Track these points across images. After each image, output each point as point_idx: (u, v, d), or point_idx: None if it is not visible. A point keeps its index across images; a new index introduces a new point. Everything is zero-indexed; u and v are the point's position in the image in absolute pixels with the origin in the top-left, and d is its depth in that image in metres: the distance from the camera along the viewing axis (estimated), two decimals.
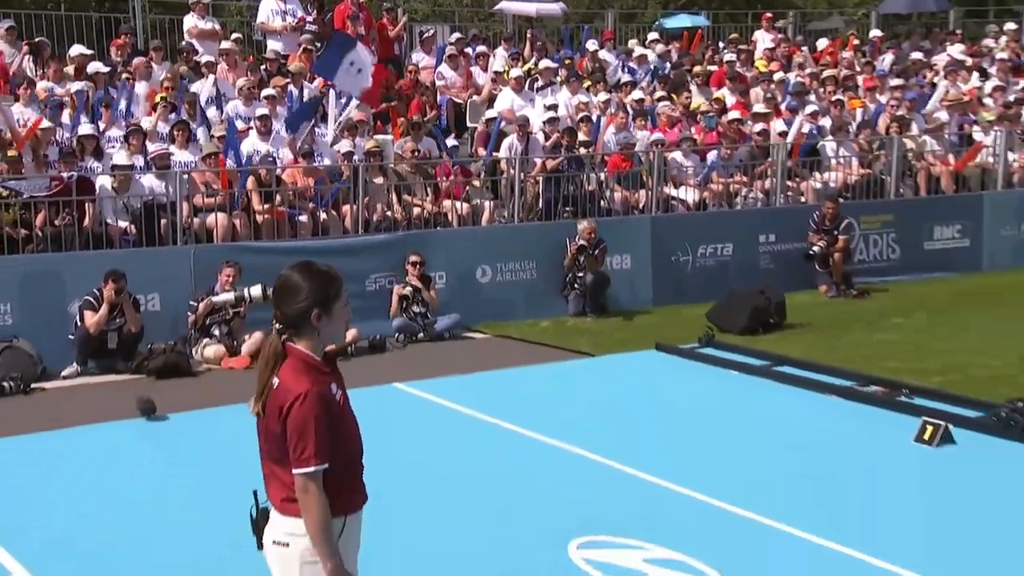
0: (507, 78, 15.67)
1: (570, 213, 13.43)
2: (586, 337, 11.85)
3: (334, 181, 12.69)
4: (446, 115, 15.48)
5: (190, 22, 15.33)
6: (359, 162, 12.64)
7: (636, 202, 14.18)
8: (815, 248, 14.09)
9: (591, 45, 18.00)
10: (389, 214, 12.77)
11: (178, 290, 11.16)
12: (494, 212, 13.54)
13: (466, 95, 15.89)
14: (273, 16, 15.70)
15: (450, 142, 14.45)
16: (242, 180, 12.05)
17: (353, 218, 12.46)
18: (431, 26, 18.79)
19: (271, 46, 15.69)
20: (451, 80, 16.01)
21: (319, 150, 13.10)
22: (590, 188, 13.87)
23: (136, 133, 12.19)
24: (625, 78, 16.81)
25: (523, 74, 15.79)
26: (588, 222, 12.93)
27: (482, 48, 17.15)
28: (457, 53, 16.30)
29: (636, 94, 15.97)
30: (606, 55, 17.93)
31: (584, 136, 14.31)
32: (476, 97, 15.79)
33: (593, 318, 12.73)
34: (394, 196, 12.99)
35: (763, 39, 19.81)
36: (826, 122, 16.07)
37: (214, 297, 10.46)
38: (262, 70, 14.80)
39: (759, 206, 14.89)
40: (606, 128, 14.90)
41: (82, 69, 13.68)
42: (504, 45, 17.61)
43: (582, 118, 14.62)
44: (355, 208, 12.43)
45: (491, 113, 14.76)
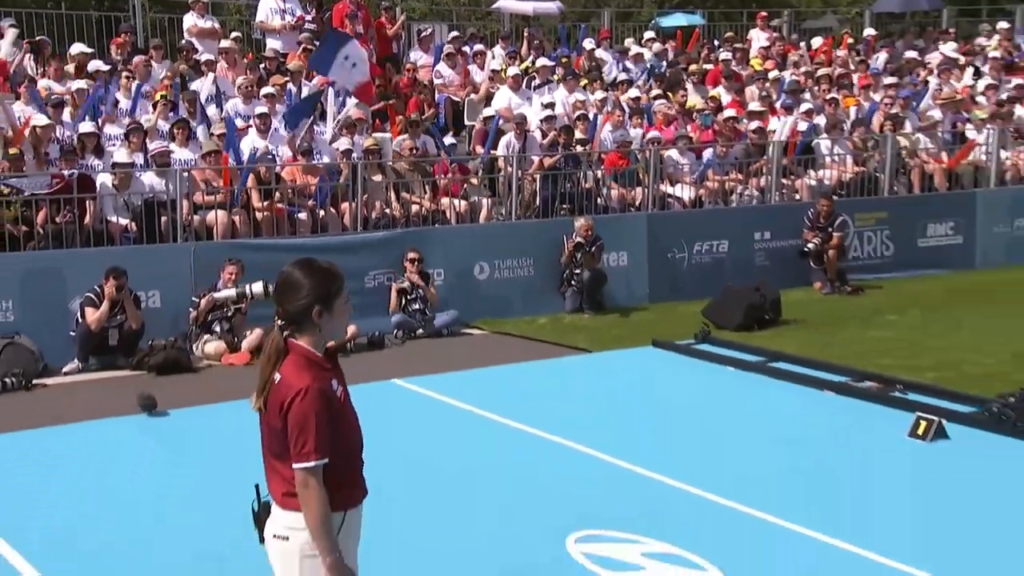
0: (504, 76, 15.67)
1: (567, 210, 13.44)
2: (583, 333, 11.86)
3: (333, 179, 12.69)
4: (444, 113, 15.48)
5: (190, 21, 15.32)
6: (358, 160, 12.65)
7: (632, 199, 14.20)
8: (810, 245, 14.11)
9: (588, 44, 18.01)
10: (388, 211, 12.77)
11: (178, 287, 11.17)
12: (492, 209, 13.54)
13: (464, 93, 15.89)
14: (272, 15, 15.70)
15: (448, 140, 14.47)
16: (242, 178, 12.05)
17: (352, 215, 12.47)
18: (429, 25, 18.78)
19: (270, 45, 15.69)
20: (449, 78, 16.00)
21: (318, 148, 13.11)
22: (587, 186, 13.88)
23: (136, 131, 12.20)
24: (621, 76, 16.82)
25: (520, 72, 15.79)
26: (585, 219, 12.94)
27: (480, 47, 17.16)
28: (455, 52, 16.29)
29: (632, 92, 15.97)
30: (602, 54, 17.94)
31: (581, 134, 14.30)
32: (474, 95, 15.79)
33: (590, 315, 12.74)
34: (393, 194, 13.00)
35: (758, 38, 19.82)
36: (821, 120, 16.08)
37: (216, 293, 10.46)
38: (261, 69, 14.82)
39: (754, 203, 14.90)
40: (603, 126, 14.90)
41: (83, 67, 13.68)
42: (501, 43, 17.61)
43: (579, 116, 14.62)
44: (354, 205, 12.44)
45: (489, 111, 14.77)
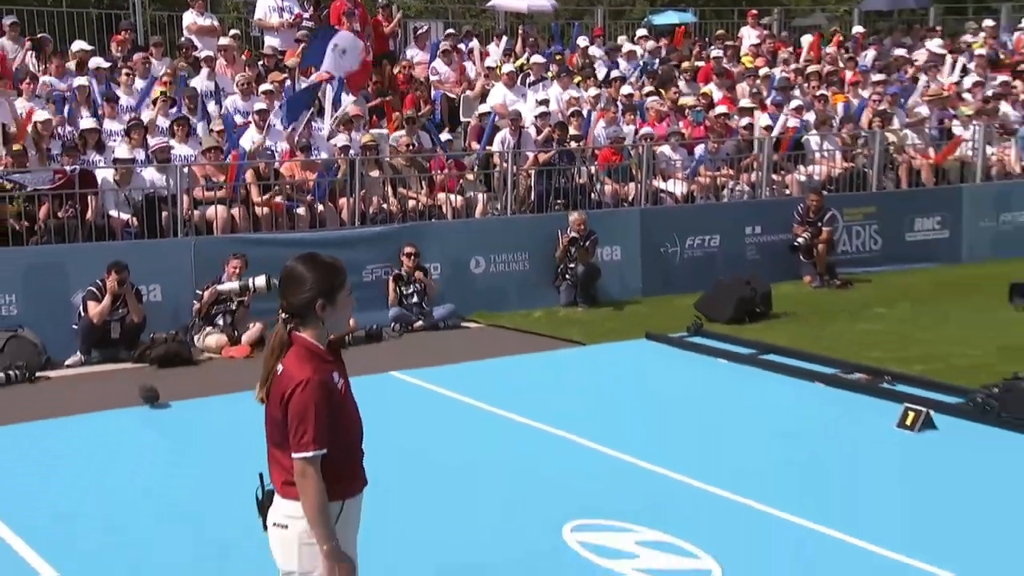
0: (499, 73, 15.66)
1: (561, 206, 13.45)
2: (577, 327, 11.88)
3: (331, 174, 12.68)
4: (440, 110, 15.46)
5: (189, 18, 15.28)
6: (355, 156, 12.64)
7: (626, 195, 14.22)
8: (800, 239, 14.14)
9: (582, 41, 18.00)
10: (385, 206, 12.77)
11: (179, 281, 11.17)
12: (487, 205, 13.54)
13: (459, 90, 15.88)
14: (270, 13, 15.67)
15: (444, 136, 14.46)
16: (241, 173, 12.02)
17: (350, 210, 12.47)
18: (425, 22, 18.74)
19: (268, 42, 15.64)
20: (445, 75, 15.99)
21: (316, 144, 13.10)
22: (581, 181, 13.89)
23: (137, 127, 12.17)
24: (614, 73, 16.81)
25: (515, 69, 15.78)
26: (578, 214, 12.96)
27: (475, 43, 17.13)
28: (450, 49, 16.28)
29: (625, 89, 15.98)
30: (596, 51, 17.93)
31: (575, 130, 14.32)
32: (469, 92, 15.78)
33: (584, 308, 12.76)
34: (389, 189, 13.00)
35: (749, 35, 19.81)
36: (810, 116, 16.11)
37: (219, 286, 10.46)
38: (259, 66, 14.79)
39: (745, 199, 14.92)
40: (596, 122, 14.90)
41: (83, 64, 13.65)
42: (496, 41, 17.58)
43: (573, 113, 14.62)
44: (351, 201, 12.43)
45: (484, 108, 14.77)
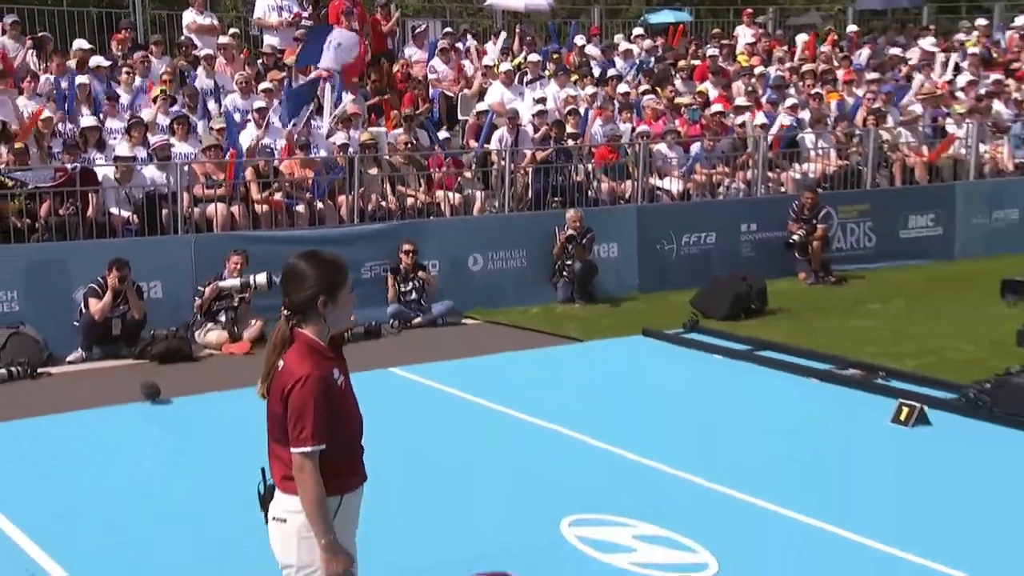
0: (497, 72, 15.66)
1: (559, 203, 13.46)
2: (574, 323, 11.89)
3: (331, 172, 12.68)
4: (438, 108, 15.47)
5: (189, 17, 15.27)
6: (354, 153, 12.65)
7: (622, 192, 14.23)
8: (795, 236, 14.16)
9: (579, 40, 18.00)
10: (383, 204, 12.78)
11: (179, 278, 11.17)
12: (485, 202, 13.55)
13: (457, 88, 15.88)
14: (269, 12, 15.67)
15: (442, 134, 14.46)
16: (241, 171, 12.02)
17: (349, 208, 12.47)
18: (423, 21, 18.74)
19: (267, 41, 15.64)
20: (443, 74, 15.99)
21: (315, 142, 13.09)
22: (578, 179, 13.90)
23: (137, 125, 12.17)
24: (611, 72, 16.81)
25: (513, 68, 15.78)
26: (575, 211, 12.96)
27: (472, 42, 17.13)
28: (448, 47, 16.27)
29: (622, 88, 15.98)
30: (593, 50, 17.93)
31: (572, 128, 14.32)
32: (467, 91, 15.78)
33: (581, 304, 12.77)
34: (388, 186, 13.00)
35: (744, 34, 19.84)
36: (805, 115, 16.12)
37: (221, 282, 10.46)
38: (259, 64, 14.79)
39: (741, 196, 14.93)
40: (593, 121, 14.91)
41: (84, 63, 13.64)
42: (493, 39, 17.58)
43: (570, 111, 14.62)
44: (350, 198, 12.44)
45: (482, 106, 14.76)
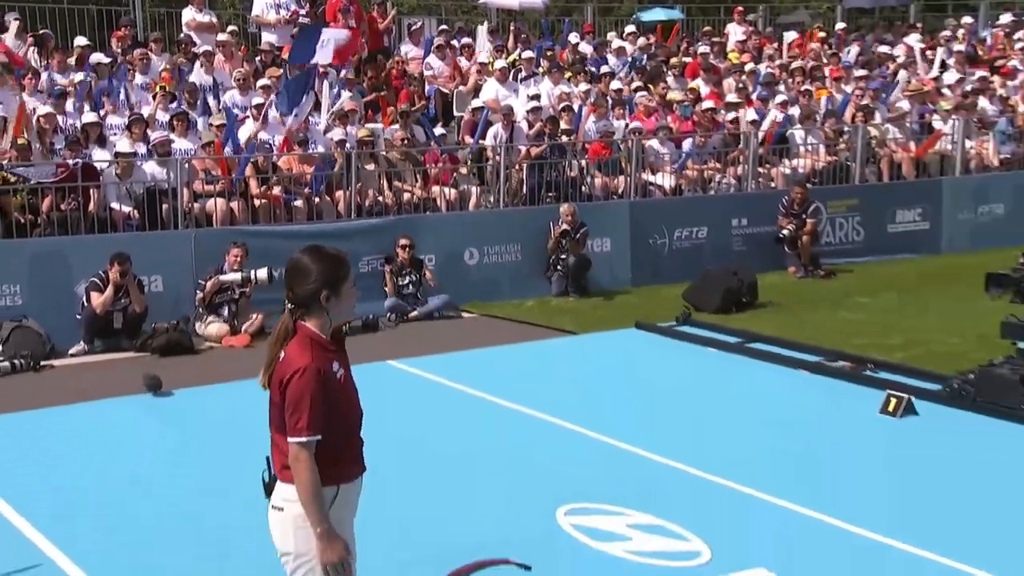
0: (492, 69, 15.66)
1: (553, 198, 13.47)
2: (569, 316, 11.92)
3: (329, 168, 12.67)
4: (434, 104, 15.46)
5: (188, 15, 15.23)
6: (351, 149, 12.64)
7: (615, 188, 14.24)
8: (784, 231, 14.19)
9: (573, 38, 18.00)
10: (380, 199, 12.78)
11: (180, 272, 11.17)
12: (480, 197, 13.55)
13: (453, 85, 15.87)
14: (267, 9, 15.61)
15: (438, 130, 14.45)
16: (241, 167, 12.03)
17: (346, 203, 12.47)
18: (418, 19, 18.71)
19: (265, 38, 15.61)
20: (438, 70, 15.96)
21: (313, 138, 13.09)
22: (572, 174, 13.91)
23: (138, 122, 12.15)
24: (604, 69, 16.82)
25: (508, 65, 15.78)
26: (568, 205, 12.96)
27: (467, 40, 17.12)
28: (444, 45, 16.26)
29: (615, 85, 15.99)
30: (586, 47, 17.93)
31: (566, 125, 14.32)
32: (462, 87, 15.77)
33: (575, 298, 12.79)
34: (385, 182, 13.00)
35: (735, 32, 19.83)
36: (795, 111, 16.14)
37: (222, 276, 10.46)
38: (257, 61, 14.77)
39: (732, 191, 14.96)
40: (587, 117, 14.91)
41: (84, 60, 13.61)
42: (489, 37, 17.57)
43: (564, 108, 14.63)
44: (348, 193, 12.44)
45: (477, 103, 14.74)
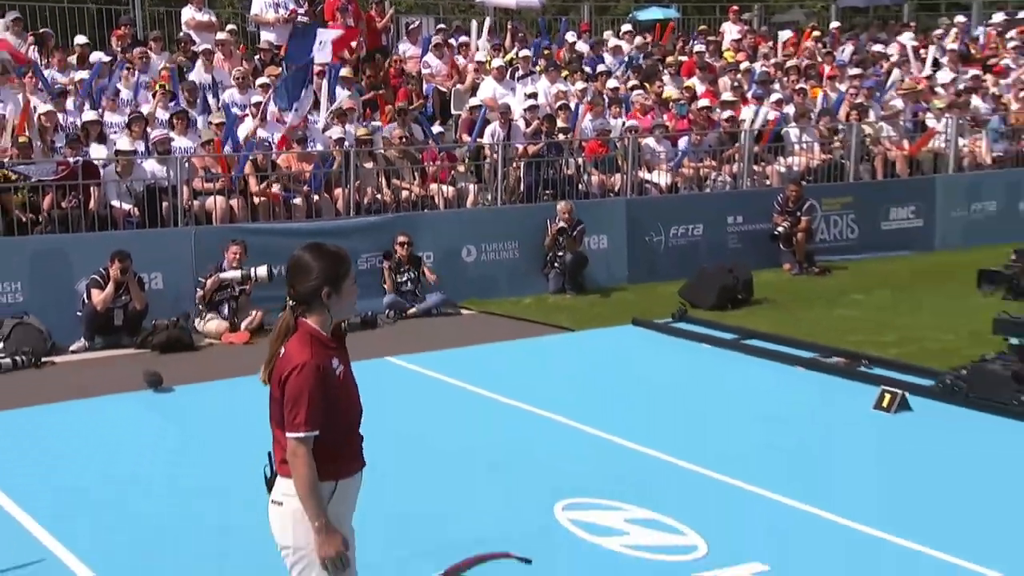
0: (489, 68, 15.66)
1: (550, 196, 13.49)
2: (566, 313, 11.93)
3: (327, 165, 12.67)
4: (432, 103, 15.46)
5: (187, 14, 15.22)
6: (350, 147, 12.65)
7: (612, 185, 14.25)
8: (779, 228, 14.22)
9: (570, 36, 18.00)
10: (379, 197, 12.78)
11: (180, 269, 11.18)
12: (478, 195, 13.57)
13: (450, 84, 15.87)
14: (266, 8, 15.58)
15: (436, 129, 14.45)
16: (240, 165, 12.03)
17: (345, 201, 12.48)
18: (416, 18, 18.70)
19: (264, 37, 15.58)
20: (436, 69, 15.97)
21: (312, 136, 13.09)
22: (569, 172, 13.93)
23: (138, 120, 12.15)
24: (600, 68, 16.82)
25: (505, 64, 15.78)
26: (565, 203, 12.98)
27: (465, 38, 17.12)
28: (442, 43, 16.26)
29: (611, 83, 16.00)
30: (583, 46, 17.93)
31: (563, 123, 14.34)
32: (460, 86, 15.77)
33: (572, 295, 12.81)
34: (383, 180, 13.01)
35: (730, 31, 19.84)
36: (790, 109, 16.16)
37: (222, 274, 10.46)
38: (256, 60, 14.76)
39: (727, 189, 14.97)
40: (583, 115, 14.93)
41: (84, 58, 13.59)
42: (487, 36, 17.56)
43: (560, 106, 14.64)
44: (347, 191, 12.45)
45: (474, 101, 14.75)
